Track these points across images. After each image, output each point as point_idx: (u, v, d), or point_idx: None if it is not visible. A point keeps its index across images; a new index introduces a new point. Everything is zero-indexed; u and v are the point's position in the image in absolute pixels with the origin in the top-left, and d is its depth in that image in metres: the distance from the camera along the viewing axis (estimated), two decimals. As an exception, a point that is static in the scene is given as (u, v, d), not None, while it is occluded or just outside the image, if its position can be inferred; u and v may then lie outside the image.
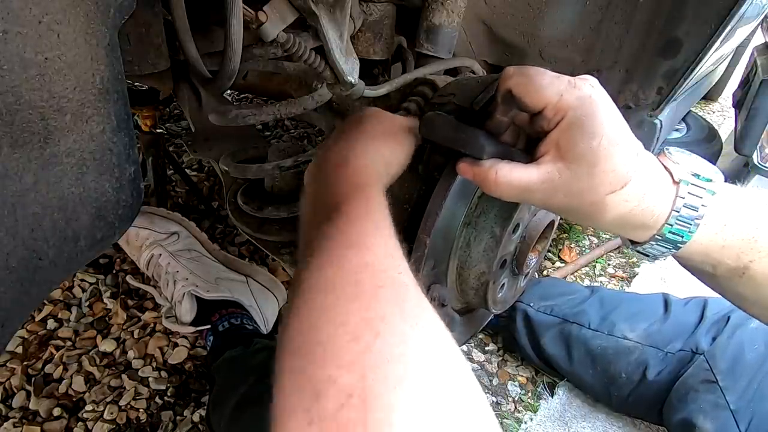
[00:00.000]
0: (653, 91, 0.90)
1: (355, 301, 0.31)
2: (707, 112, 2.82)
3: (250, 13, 0.49)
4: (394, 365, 0.28)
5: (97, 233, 0.34)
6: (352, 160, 0.47)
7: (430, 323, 0.32)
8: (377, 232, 0.38)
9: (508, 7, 0.95)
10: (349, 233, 0.37)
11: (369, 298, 0.32)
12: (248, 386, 0.81)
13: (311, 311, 0.32)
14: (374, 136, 0.51)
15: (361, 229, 0.38)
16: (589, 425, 1.03)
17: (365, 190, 0.43)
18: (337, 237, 0.37)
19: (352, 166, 0.46)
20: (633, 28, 0.86)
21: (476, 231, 0.60)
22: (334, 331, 0.29)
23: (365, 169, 0.46)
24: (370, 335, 0.29)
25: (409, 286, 0.34)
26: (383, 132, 0.52)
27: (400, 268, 0.35)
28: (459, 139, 0.47)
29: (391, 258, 0.36)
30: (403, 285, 0.34)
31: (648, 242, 0.46)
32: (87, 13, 0.29)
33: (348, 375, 0.27)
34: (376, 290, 0.32)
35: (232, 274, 1.07)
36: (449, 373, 0.30)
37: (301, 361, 0.29)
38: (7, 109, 0.26)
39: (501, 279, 0.64)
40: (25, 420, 0.92)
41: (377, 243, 0.37)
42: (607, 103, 0.42)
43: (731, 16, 0.75)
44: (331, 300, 0.32)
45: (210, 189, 1.52)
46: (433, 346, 0.31)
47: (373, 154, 0.48)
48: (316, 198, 0.45)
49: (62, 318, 1.10)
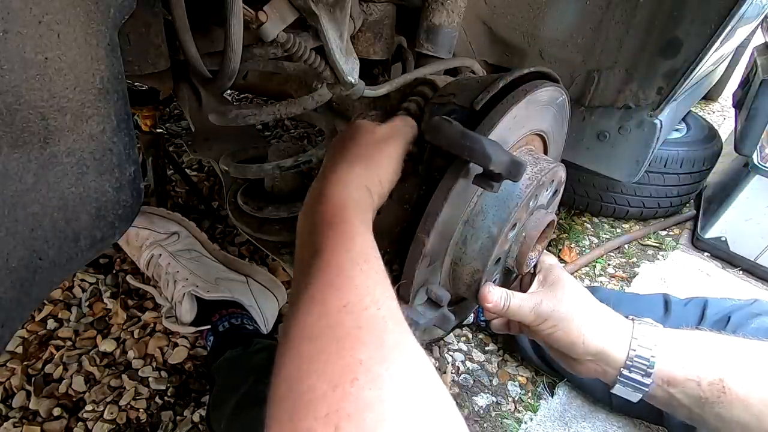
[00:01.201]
0: (653, 91, 0.90)
1: (335, 345, 0.33)
2: (707, 112, 2.82)
3: (250, 13, 0.49)
4: (369, 412, 0.29)
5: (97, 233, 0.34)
6: (328, 196, 0.47)
7: (409, 360, 0.34)
8: (355, 268, 0.40)
9: (508, 7, 0.95)
10: (328, 273, 0.39)
11: (348, 341, 0.33)
12: (248, 386, 0.81)
13: (294, 360, 0.34)
14: (355, 159, 0.51)
15: (339, 268, 0.39)
16: (589, 425, 1.03)
17: (340, 226, 0.44)
18: (317, 279, 0.39)
19: (329, 203, 0.47)
20: (633, 28, 0.86)
21: (474, 230, 0.60)
22: (315, 381, 0.31)
23: (341, 204, 0.47)
24: (347, 382, 0.31)
25: (387, 322, 0.36)
26: (366, 151, 0.52)
27: (379, 303, 0.37)
28: (465, 148, 0.48)
29: (369, 294, 0.37)
30: (381, 322, 0.35)
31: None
32: (87, 12, 0.29)
33: (324, 428, 0.29)
34: (355, 332, 0.34)
35: (232, 274, 1.07)
36: (427, 410, 0.31)
37: (285, 412, 0.31)
38: (7, 109, 0.26)
39: (494, 276, 0.65)
40: (25, 420, 0.92)
41: (356, 280, 0.38)
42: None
43: (731, 16, 0.75)
44: (313, 348, 0.34)
45: (210, 189, 1.52)
46: (410, 384, 0.32)
47: (354, 181, 0.49)
48: (301, 238, 0.47)
49: (62, 318, 1.10)
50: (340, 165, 0.51)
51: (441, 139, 0.50)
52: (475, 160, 0.47)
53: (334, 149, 0.55)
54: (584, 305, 0.67)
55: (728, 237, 1.53)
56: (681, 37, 0.81)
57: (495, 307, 0.64)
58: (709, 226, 1.57)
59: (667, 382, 0.61)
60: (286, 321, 0.39)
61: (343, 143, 0.54)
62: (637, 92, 0.92)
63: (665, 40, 0.83)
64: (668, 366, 0.61)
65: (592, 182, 1.58)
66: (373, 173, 0.51)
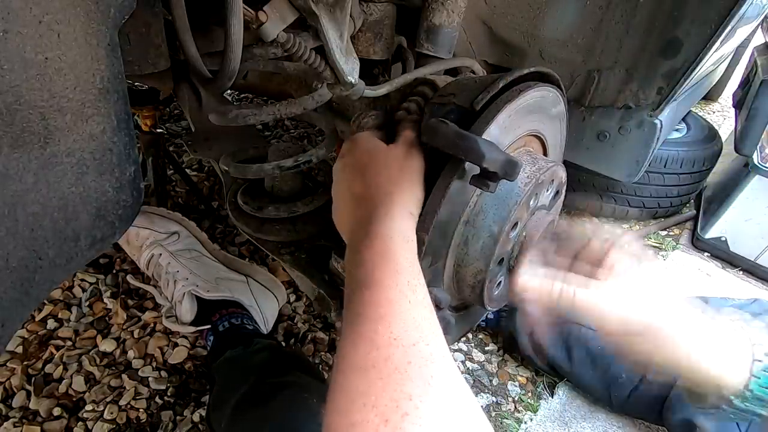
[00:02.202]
0: (653, 91, 0.90)
1: (385, 380, 0.35)
2: (707, 112, 2.82)
3: (250, 13, 0.49)
4: None
5: (97, 233, 0.34)
6: (374, 231, 0.48)
7: (455, 395, 0.36)
8: (403, 301, 0.41)
9: (509, 7, 0.95)
10: (377, 307, 0.40)
11: (397, 376, 0.35)
12: (248, 386, 0.80)
13: (345, 393, 0.36)
14: (393, 188, 0.51)
15: (387, 302, 0.41)
16: (589, 425, 1.03)
17: (387, 259, 0.45)
18: (366, 313, 0.40)
19: (376, 237, 0.47)
20: (633, 28, 0.86)
21: (474, 229, 0.60)
22: (367, 415, 0.33)
23: (388, 236, 0.47)
24: (398, 417, 0.32)
25: (435, 357, 0.37)
26: (399, 176, 0.53)
27: (427, 338, 0.38)
28: (460, 147, 0.49)
29: (418, 329, 0.39)
30: (429, 357, 0.37)
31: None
32: (87, 12, 0.29)
33: None
34: (404, 367, 0.36)
35: (232, 274, 1.07)
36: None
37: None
38: (8, 109, 0.26)
39: (497, 277, 0.65)
40: (25, 420, 0.92)
41: (404, 314, 0.40)
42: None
43: (731, 16, 0.75)
44: (364, 382, 0.35)
45: (210, 189, 1.52)
46: (456, 420, 0.34)
47: (398, 211, 0.50)
48: (349, 271, 0.47)
49: (62, 318, 1.09)
50: (380, 196, 0.51)
51: (438, 140, 0.50)
52: (470, 159, 0.48)
53: (361, 174, 0.54)
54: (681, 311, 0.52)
55: (728, 237, 1.53)
56: (681, 37, 0.81)
57: (541, 298, 0.50)
58: (709, 226, 1.57)
59: None
60: (337, 353, 0.40)
61: (374, 168, 0.54)
62: (637, 92, 0.92)
63: (665, 40, 0.83)
64: None
65: (592, 182, 1.58)
66: (412, 196, 0.52)
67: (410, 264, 0.45)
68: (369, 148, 0.57)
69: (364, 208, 0.51)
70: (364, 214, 0.50)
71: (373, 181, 0.53)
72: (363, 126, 0.63)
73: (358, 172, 0.54)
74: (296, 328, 1.17)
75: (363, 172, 0.54)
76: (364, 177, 0.54)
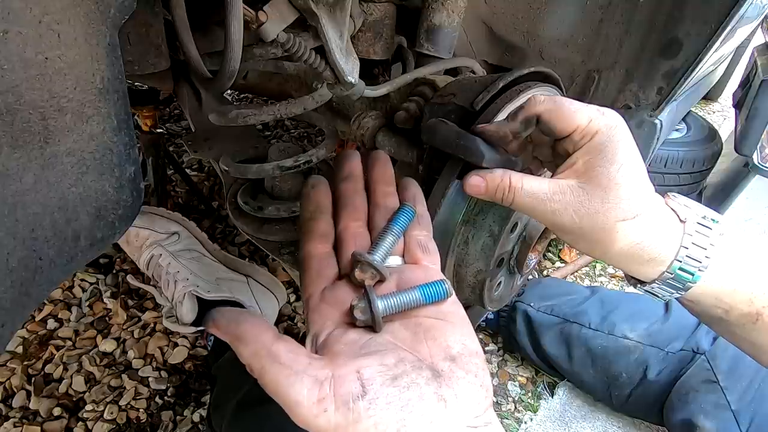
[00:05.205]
0: (653, 91, 0.90)
1: None
2: (707, 112, 2.82)
3: (250, 13, 0.49)
4: None
5: (97, 233, 0.34)
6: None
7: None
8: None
9: (509, 7, 0.95)
10: None
11: None
12: (249, 386, 0.80)
13: None
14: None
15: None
16: (589, 425, 1.03)
17: None
18: None
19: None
20: (633, 28, 0.86)
21: (474, 229, 0.60)
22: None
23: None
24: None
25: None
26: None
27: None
28: (459, 147, 0.48)
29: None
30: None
31: (655, 281, 0.46)
32: (87, 12, 0.29)
33: None
34: None
35: (232, 274, 1.07)
36: None
37: None
38: (8, 109, 0.26)
39: (498, 277, 0.65)
40: (25, 420, 0.92)
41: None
42: (630, 137, 0.43)
43: (731, 16, 0.75)
44: None
45: (210, 189, 1.52)
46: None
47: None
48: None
49: (62, 318, 1.10)
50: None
51: (437, 140, 0.50)
52: (469, 158, 0.48)
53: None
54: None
55: (728, 237, 1.52)
56: (681, 37, 0.81)
57: (485, 184, 0.46)
58: (709, 226, 1.57)
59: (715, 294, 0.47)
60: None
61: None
62: (637, 92, 0.92)
63: (665, 40, 0.83)
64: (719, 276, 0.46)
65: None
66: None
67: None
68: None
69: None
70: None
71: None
72: (363, 126, 0.63)
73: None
74: (296, 328, 1.17)
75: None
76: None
